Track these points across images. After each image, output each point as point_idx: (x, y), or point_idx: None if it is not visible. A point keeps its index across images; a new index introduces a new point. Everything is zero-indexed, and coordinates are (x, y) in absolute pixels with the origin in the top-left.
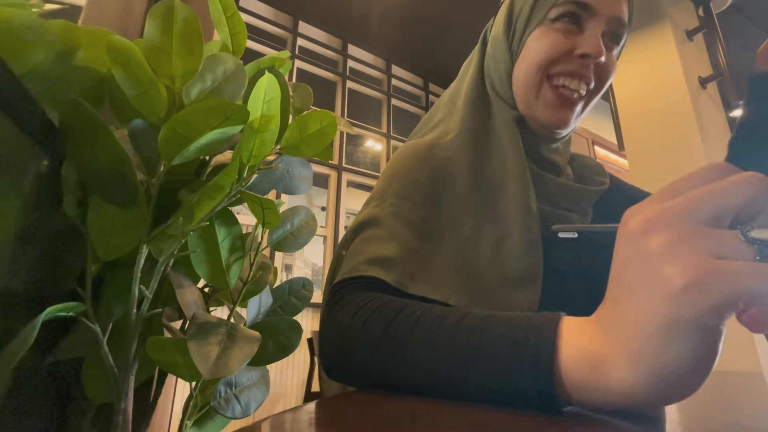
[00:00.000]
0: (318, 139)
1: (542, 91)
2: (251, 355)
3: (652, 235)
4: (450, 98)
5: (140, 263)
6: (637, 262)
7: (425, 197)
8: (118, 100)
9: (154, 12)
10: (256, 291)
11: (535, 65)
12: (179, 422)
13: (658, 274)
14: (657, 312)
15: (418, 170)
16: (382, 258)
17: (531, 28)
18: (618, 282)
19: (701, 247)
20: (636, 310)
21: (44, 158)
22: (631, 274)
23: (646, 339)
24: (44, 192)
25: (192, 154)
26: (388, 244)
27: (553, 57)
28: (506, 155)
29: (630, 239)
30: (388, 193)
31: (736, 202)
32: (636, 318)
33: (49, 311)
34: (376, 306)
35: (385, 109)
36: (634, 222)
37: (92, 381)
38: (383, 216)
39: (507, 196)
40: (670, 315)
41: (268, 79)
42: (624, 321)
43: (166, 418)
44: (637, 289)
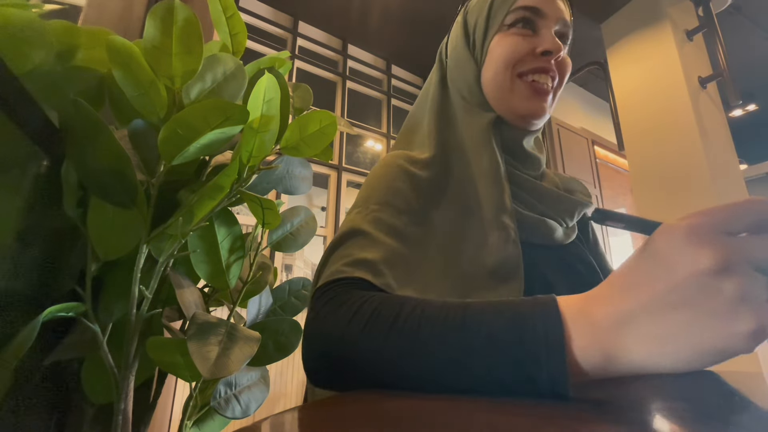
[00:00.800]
0: (318, 139)
1: (515, 86)
2: (251, 355)
3: (725, 279)
4: (416, 121)
5: (140, 263)
6: (698, 291)
7: (407, 203)
8: (118, 100)
9: (154, 12)
10: (256, 291)
11: (503, 65)
12: (179, 422)
13: (731, 314)
14: (713, 339)
15: (399, 179)
16: (367, 261)
17: (490, 36)
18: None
19: (763, 287)
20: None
21: (44, 158)
22: (685, 296)
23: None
24: (44, 192)
25: (192, 155)
26: (372, 248)
27: (518, 56)
28: (481, 159)
29: (695, 264)
30: (371, 200)
31: None
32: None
33: (49, 311)
34: (375, 305)
35: (385, 109)
36: (707, 257)
37: (92, 381)
38: (366, 222)
39: (483, 197)
40: (725, 346)
41: (267, 79)
42: (653, 323)
43: (166, 418)
44: (691, 313)
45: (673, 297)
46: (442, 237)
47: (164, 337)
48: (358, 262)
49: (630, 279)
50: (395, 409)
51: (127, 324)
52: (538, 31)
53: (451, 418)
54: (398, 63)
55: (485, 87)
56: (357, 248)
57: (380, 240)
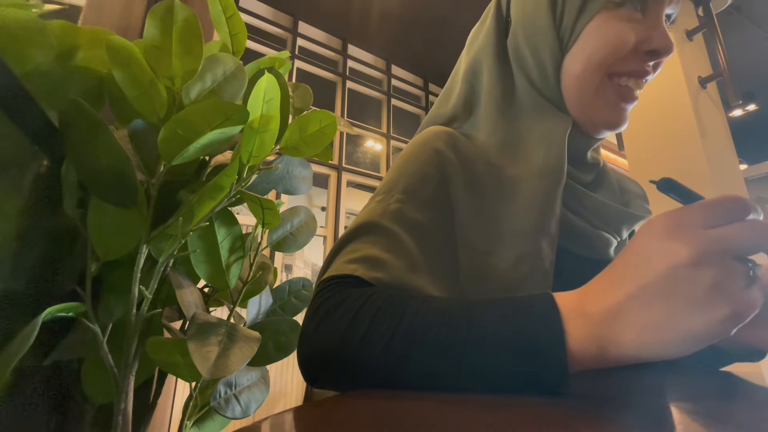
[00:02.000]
0: (318, 140)
1: (602, 89)
2: (251, 356)
3: (704, 269)
4: (467, 92)
5: (140, 263)
6: (682, 282)
7: (437, 196)
8: (118, 100)
9: (154, 12)
10: (256, 291)
11: (597, 63)
12: (179, 422)
13: (704, 303)
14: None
15: (434, 165)
16: (375, 259)
17: (589, 14)
18: (637, 278)
19: (739, 290)
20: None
21: (44, 158)
22: (670, 287)
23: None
24: (44, 192)
25: (192, 155)
26: (384, 245)
27: (620, 55)
28: (541, 168)
29: (677, 259)
30: (396, 189)
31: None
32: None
33: (49, 311)
34: (379, 305)
35: (385, 109)
36: (689, 251)
37: (92, 381)
38: (385, 214)
39: (529, 213)
40: (706, 329)
41: (267, 80)
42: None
43: (166, 418)
44: (675, 303)
45: (657, 289)
46: (470, 244)
47: (164, 337)
48: (368, 260)
49: (619, 273)
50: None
51: (127, 324)
52: (648, 13)
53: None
54: (398, 63)
55: (565, 80)
56: (369, 245)
57: (398, 238)
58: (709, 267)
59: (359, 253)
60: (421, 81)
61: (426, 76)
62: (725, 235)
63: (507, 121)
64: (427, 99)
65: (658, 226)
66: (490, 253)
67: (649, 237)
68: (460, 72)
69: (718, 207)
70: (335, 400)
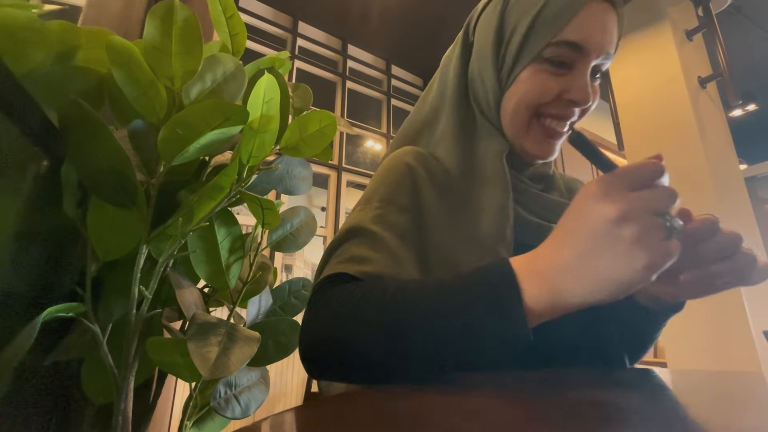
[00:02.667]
0: (318, 140)
1: (531, 127)
2: (251, 356)
3: (625, 227)
4: (433, 113)
5: (140, 264)
6: (607, 238)
7: (410, 202)
8: (117, 100)
9: (153, 12)
10: (256, 291)
11: (525, 105)
12: (179, 422)
13: (628, 253)
14: (618, 275)
15: (407, 176)
16: (362, 257)
17: (523, 63)
18: (574, 236)
19: (656, 239)
20: (598, 268)
21: (44, 159)
22: (598, 244)
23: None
24: (44, 192)
25: (192, 155)
26: (372, 247)
27: (543, 101)
28: (489, 185)
29: (604, 219)
30: (375, 197)
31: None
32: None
33: (49, 312)
34: (363, 291)
35: (385, 109)
36: (613, 212)
37: (92, 381)
38: (368, 220)
39: (486, 223)
40: (630, 278)
41: (267, 80)
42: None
43: (166, 418)
44: (605, 257)
45: (592, 243)
46: (438, 247)
47: (164, 337)
48: (355, 259)
49: (563, 233)
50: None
51: (127, 324)
52: (573, 68)
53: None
54: (398, 63)
55: (504, 116)
56: (356, 246)
57: (381, 238)
58: (632, 223)
59: (348, 254)
60: (420, 81)
61: (426, 76)
62: (645, 196)
63: (464, 142)
64: None
65: (591, 190)
66: (455, 257)
67: (585, 199)
68: (433, 87)
69: (639, 172)
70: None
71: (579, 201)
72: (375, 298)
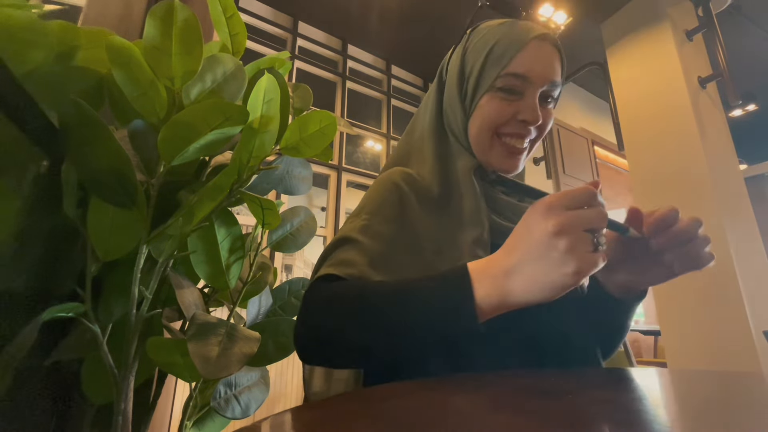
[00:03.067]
0: (318, 140)
1: (493, 144)
2: (251, 356)
3: (562, 238)
4: (417, 141)
5: (140, 264)
6: (544, 248)
7: (397, 215)
8: (117, 100)
9: (153, 13)
10: (256, 291)
11: (485, 127)
12: (179, 422)
13: (560, 262)
14: (551, 281)
15: (393, 193)
16: (351, 262)
17: (480, 93)
18: (519, 245)
19: (589, 252)
20: (533, 272)
21: (44, 159)
22: (537, 253)
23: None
24: (45, 193)
25: (192, 155)
26: (358, 252)
27: (499, 122)
28: (465, 200)
29: (544, 232)
30: (363, 211)
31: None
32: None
33: (49, 312)
34: (345, 288)
35: (385, 109)
36: (551, 224)
37: (92, 381)
38: (356, 230)
39: (466, 229)
40: (559, 284)
41: (267, 80)
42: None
43: (166, 418)
44: (540, 264)
45: (533, 252)
46: (422, 253)
47: (164, 337)
48: (343, 263)
49: (513, 242)
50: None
51: (127, 324)
52: (524, 94)
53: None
54: (398, 63)
55: (470, 137)
56: (343, 252)
57: (366, 245)
58: (565, 236)
59: (336, 258)
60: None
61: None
62: (578, 215)
63: (442, 162)
64: None
65: (538, 206)
66: (441, 259)
67: (532, 214)
68: (419, 117)
69: (576, 194)
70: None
71: (528, 214)
72: (352, 293)
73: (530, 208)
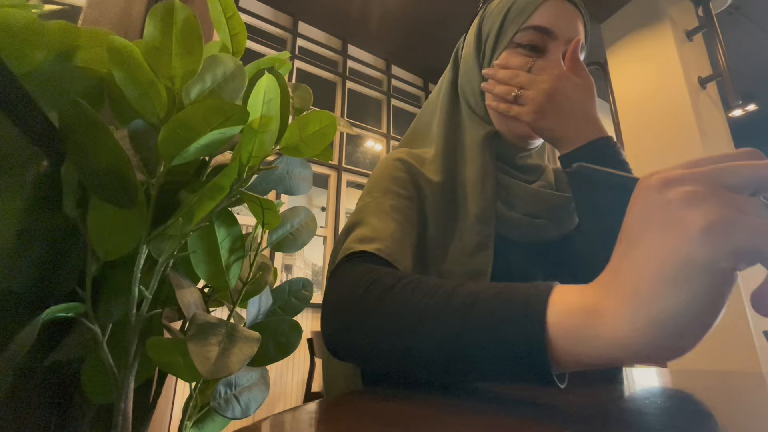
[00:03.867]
0: (318, 140)
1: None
2: (251, 356)
3: (674, 188)
4: (426, 123)
5: (140, 264)
6: (654, 212)
7: (406, 190)
8: (117, 100)
9: (153, 12)
10: (256, 291)
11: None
12: (179, 422)
13: (678, 218)
14: (671, 254)
15: (401, 170)
16: (370, 237)
17: (499, 51)
18: (628, 236)
19: (725, 199)
20: (645, 258)
21: (44, 159)
22: (646, 224)
23: (652, 283)
24: (44, 192)
25: (192, 155)
26: (377, 228)
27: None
28: (473, 170)
29: (649, 192)
30: (375, 188)
31: (758, 176)
32: (644, 266)
33: (49, 312)
34: (377, 275)
35: (385, 109)
36: (655, 179)
37: (92, 381)
38: (371, 208)
39: (470, 205)
40: (687, 255)
41: (267, 80)
42: (628, 272)
43: (166, 418)
44: (651, 237)
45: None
46: (430, 227)
47: (164, 337)
48: (364, 239)
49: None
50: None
51: (127, 324)
52: (546, 52)
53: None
54: (398, 63)
55: (487, 100)
56: (362, 230)
57: (384, 220)
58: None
59: (358, 237)
60: (420, 81)
61: (426, 76)
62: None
63: (453, 129)
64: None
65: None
66: (444, 235)
67: (654, 203)
68: (428, 101)
69: (744, 171)
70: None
71: (644, 204)
72: (383, 285)
73: (641, 190)
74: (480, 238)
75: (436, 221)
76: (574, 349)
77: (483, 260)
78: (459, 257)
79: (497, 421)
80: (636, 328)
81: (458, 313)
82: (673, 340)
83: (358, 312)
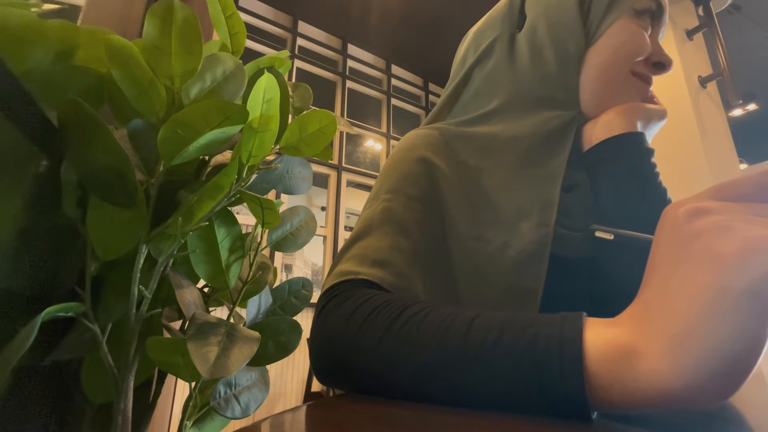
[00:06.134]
0: (317, 139)
1: (628, 84)
2: (251, 356)
3: (702, 218)
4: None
5: (140, 263)
6: (683, 244)
7: (421, 190)
8: (117, 100)
9: (153, 12)
10: (256, 291)
11: (624, 58)
12: (179, 422)
13: (709, 248)
14: (707, 287)
15: (415, 162)
16: (374, 260)
17: (615, 15)
18: (657, 270)
19: (754, 223)
20: (680, 294)
21: (43, 158)
22: (676, 258)
23: (690, 321)
24: (44, 192)
25: (191, 154)
26: (380, 247)
27: (641, 54)
28: (547, 160)
29: (676, 225)
30: (382, 189)
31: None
32: (678, 301)
33: (49, 311)
34: (377, 304)
35: (385, 109)
36: (682, 211)
37: (92, 381)
38: (376, 218)
39: (526, 199)
40: (723, 285)
41: (267, 79)
42: (662, 309)
43: (166, 418)
44: (683, 272)
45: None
46: (461, 231)
47: (164, 337)
48: (364, 260)
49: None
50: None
51: (127, 324)
52: (653, 30)
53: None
54: (398, 63)
55: (588, 72)
56: (364, 247)
57: (389, 237)
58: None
59: (358, 257)
60: (421, 81)
61: (426, 75)
62: None
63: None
64: (427, 99)
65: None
66: (478, 238)
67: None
68: (466, 61)
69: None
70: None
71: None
72: (383, 317)
73: (668, 222)
74: (534, 247)
75: (464, 221)
76: (608, 394)
77: (535, 276)
78: (498, 270)
79: (497, 421)
80: (679, 376)
81: (477, 358)
82: (718, 381)
83: (355, 351)
